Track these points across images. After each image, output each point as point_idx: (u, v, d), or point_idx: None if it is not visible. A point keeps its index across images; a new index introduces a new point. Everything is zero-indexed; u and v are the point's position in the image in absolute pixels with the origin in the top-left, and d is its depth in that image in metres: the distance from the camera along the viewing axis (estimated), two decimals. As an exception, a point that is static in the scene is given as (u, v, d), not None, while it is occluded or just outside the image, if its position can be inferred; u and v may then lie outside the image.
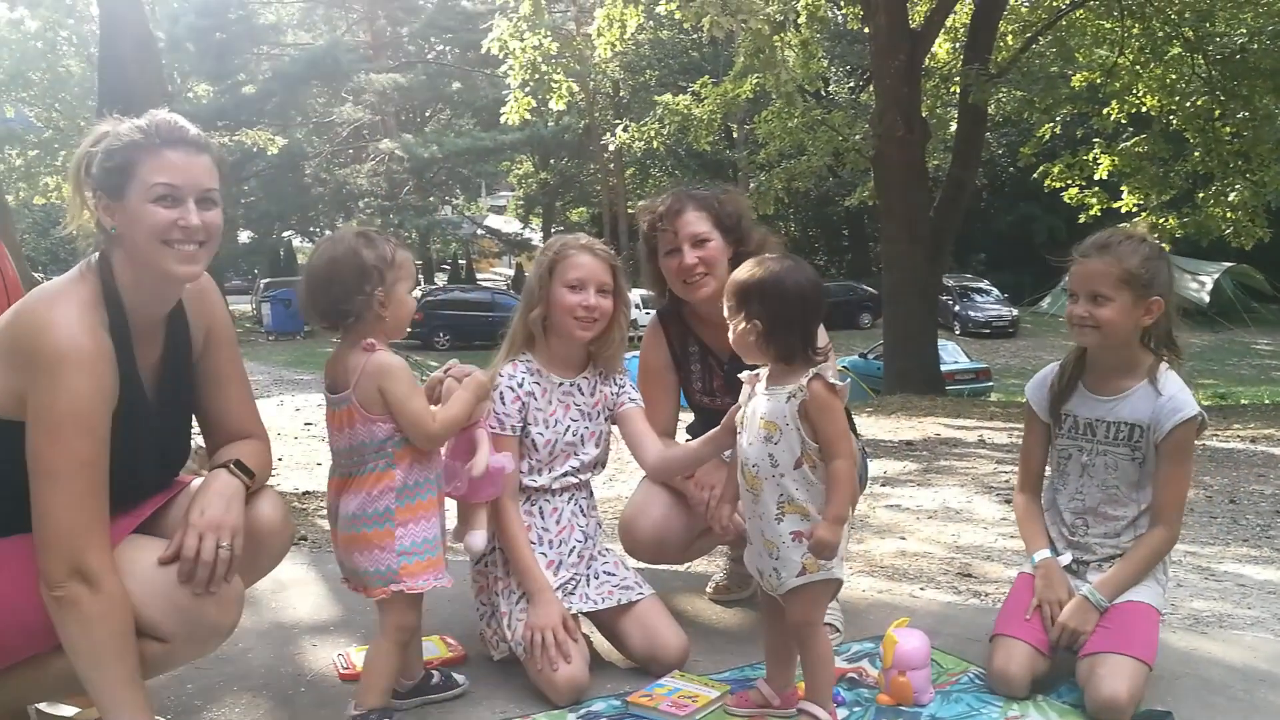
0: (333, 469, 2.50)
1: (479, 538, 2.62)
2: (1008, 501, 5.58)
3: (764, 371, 2.45)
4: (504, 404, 2.82)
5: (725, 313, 2.45)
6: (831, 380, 2.33)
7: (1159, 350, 2.75)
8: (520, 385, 2.86)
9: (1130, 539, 2.75)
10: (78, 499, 1.99)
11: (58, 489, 1.98)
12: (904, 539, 4.99)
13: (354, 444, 2.42)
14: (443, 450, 2.57)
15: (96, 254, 2.15)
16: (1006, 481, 6.37)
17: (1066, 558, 2.80)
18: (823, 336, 2.52)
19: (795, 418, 2.34)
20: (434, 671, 2.66)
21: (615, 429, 3.04)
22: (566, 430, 2.92)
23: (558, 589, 2.79)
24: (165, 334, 2.25)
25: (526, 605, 2.74)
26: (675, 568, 3.64)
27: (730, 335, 2.45)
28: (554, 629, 2.64)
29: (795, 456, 2.34)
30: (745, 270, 2.42)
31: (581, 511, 2.98)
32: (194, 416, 2.43)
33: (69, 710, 2.44)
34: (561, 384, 2.92)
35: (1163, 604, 2.75)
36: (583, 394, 2.95)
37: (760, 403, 2.41)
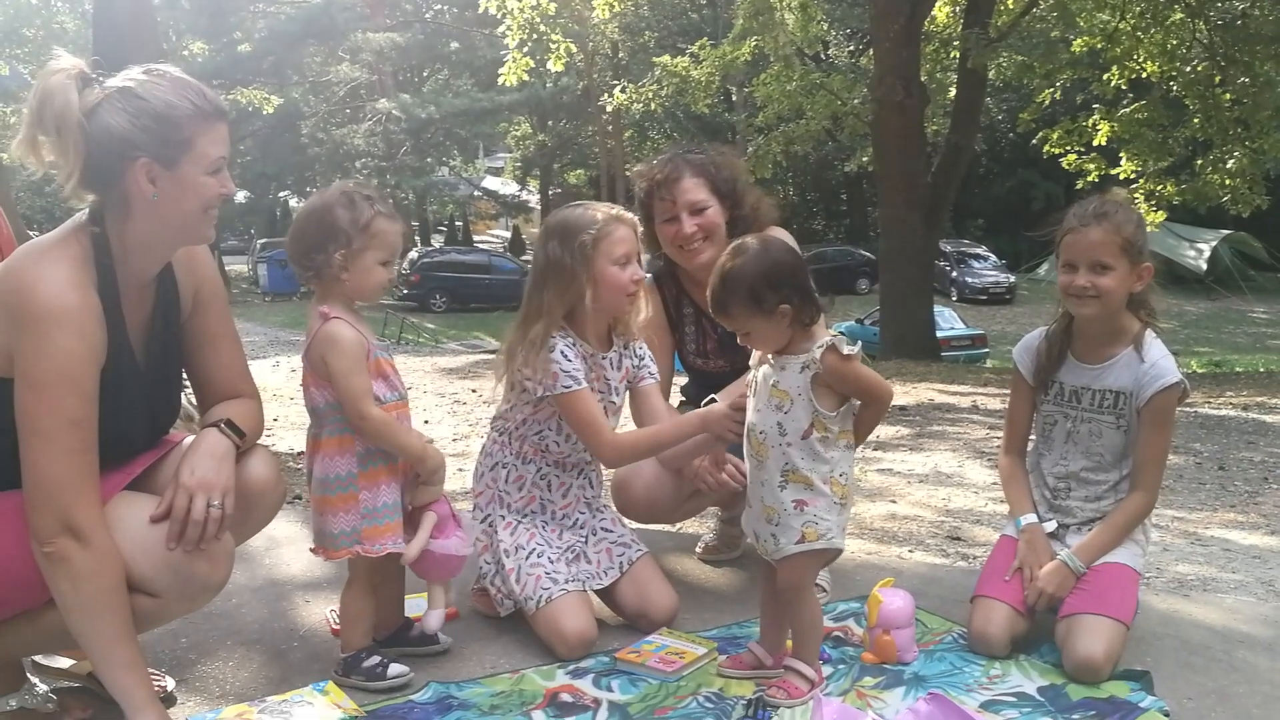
0: (308, 429, 2.55)
1: (434, 618, 2.58)
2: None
3: None
4: (570, 361, 2.71)
5: (729, 320, 2.41)
6: (846, 351, 2.33)
7: (1142, 315, 2.77)
8: (573, 344, 2.76)
9: (1111, 503, 2.78)
10: (66, 456, 2.00)
11: (46, 446, 1.99)
12: (894, 502, 5.03)
13: (311, 406, 2.48)
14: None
15: (86, 211, 2.14)
16: (998, 447, 6.35)
17: (1051, 524, 2.83)
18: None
19: (809, 388, 2.35)
20: (416, 623, 2.69)
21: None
22: (597, 402, 2.87)
23: (562, 558, 2.81)
24: (155, 293, 2.26)
25: (536, 560, 2.77)
26: (666, 528, 3.68)
27: (747, 340, 2.43)
28: None
29: (804, 427, 2.36)
30: (739, 267, 2.35)
31: (590, 484, 2.99)
32: (185, 375, 2.45)
33: (64, 662, 2.48)
34: (594, 355, 2.86)
35: (1142, 566, 2.78)
36: (612, 368, 2.92)
37: (771, 371, 2.42)
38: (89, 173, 2.07)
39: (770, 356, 2.43)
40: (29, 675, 2.37)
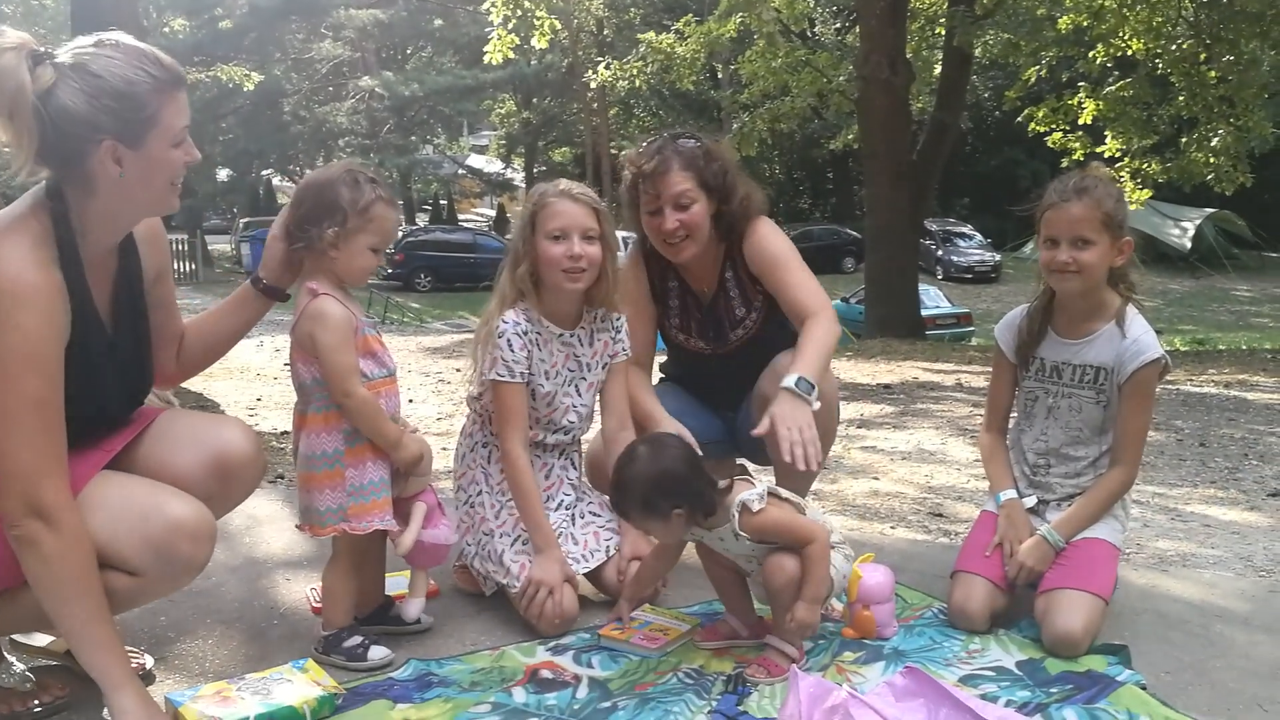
0: (295, 405, 2.54)
1: (415, 606, 2.60)
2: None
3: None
4: (512, 350, 2.74)
5: (629, 520, 2.53)
6: (756, 508, 2.40)
7: (1121, 289, 2.77)
8: (524, 332, 2.78)
9: (1091, 479, 2.79)
10: (31, 437, 1.98)
11: (10, 428, 1.96)
12: (877, 479, 5.04)
13: (298, 381, 2.46)
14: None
15: (43, 186, 2.10)
16: (981, 424, 6.42)
17: (1031, 499, 2.84)
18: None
19: (753, 548, 2.46)
20: (396, 602, 2.68)
21: None
22: (566, 382, 2.89)
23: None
24: (117, 262, 2.24)
25: (522, 546, 2.76)
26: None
27: (659, 537, 2.53)
28: (555, 588, 2.65)
29: None
30: (632, 476, 2.41)
31: (572, 465, 2.98)
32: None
33: (42, 639, 2.46)
34: (561, 334, 2.86)
35: (1121, 541, 2.79)
36: (582, 345, 2.90)
37: (719, 542, 2.51)
38: (46, 152, 2.02)
39: (702, 532, 2.50)
40: (6, 654, 2.36)
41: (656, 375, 3.44)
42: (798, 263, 3.08)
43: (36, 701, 2.24)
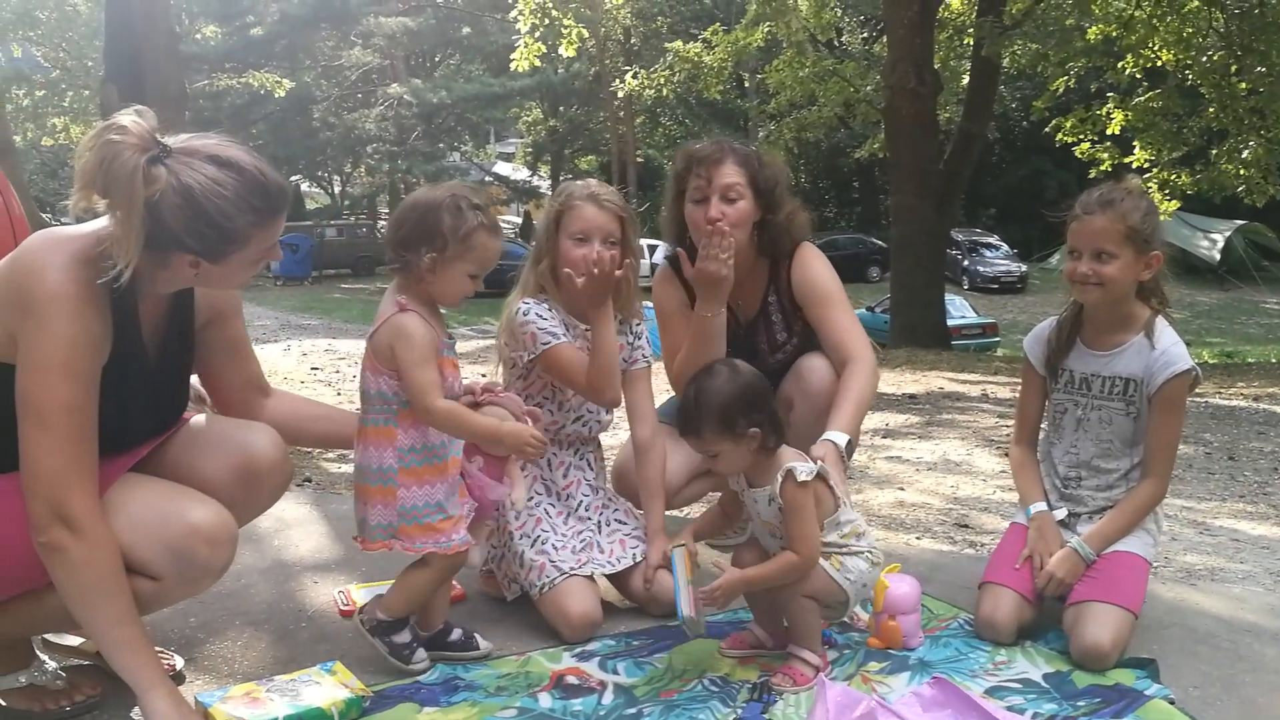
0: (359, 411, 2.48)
1: (475, 555, 2.58)
2: (1007, 455, 5.62)
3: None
4: (545, 319, 2.75)
5: (699, 441, 2.43)
6: (801, 478, 2.37)
7: (1153, 303, 2.76)
8: (548, 311, 2.79)
9: (1122, 491, 2.77)
10: (62, 444, 1.99)
11: (43, 433, 1.98)
12: (903, 490, 5.03)
13: (364, 389, 2.42)
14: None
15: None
16: (1007, 435, 6.39)
17: (1062, 512, 2.82)
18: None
19: (777, 517, 2.43)
20: (456, 628, 2.60)
21: None
22: None
23: (568, 545, 2.80)
24: (171, 298, 2.26)
25: (542, 547, 2.76)
26: (669, 511, 3.68)
27: (719, 466, 2.47)
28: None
29: None
30: (713, 388, 2.39)
31: (589, 465, 2.98)
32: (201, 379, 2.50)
33: (74, 640, 2.49)
34: (578, 327, 2.86)
35: (1152, 555, 2.77)
36: None
37: (754, 503, 2.50)
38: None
39: (745, 485, 2.49)
40: (38, 653, 2.38)
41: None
42: (843, 300, 3.12)
43: (68, 701, 2.26)
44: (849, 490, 2.62)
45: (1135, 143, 15.04)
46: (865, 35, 34.15)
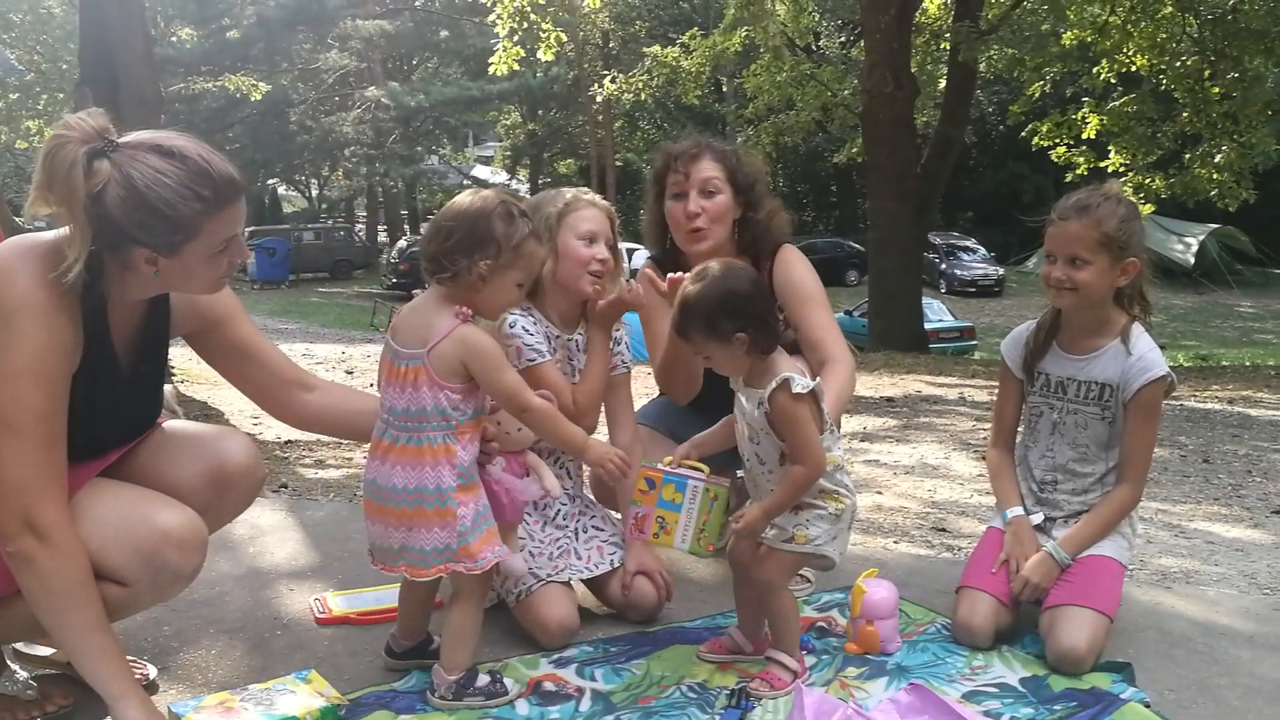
0: (379, 430, 2.31)
1: (518, 562, 2.53)
2: (985, 458, 5.65)
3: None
4: (530, 334, 2.75)
5: (689, 344, 2.43)
6: (796, 389, 2.33)
7: (1131, 308, 2.78)
8: (535, 322, 2.79)
9: (1098, 495, 2.79)
10: (31, 452, 1.97)
11: (11, 440, 1.96)
12: (880, 494, 5.04)
13: (416, 407, 2.26)
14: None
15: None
16: (984, 439, 6.41)
17: (1038, 516, 2.83)
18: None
19: (765, 424, 2.38)
20: (435, 637, 2.56)
21: None
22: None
23: (545, 552, 2.79)
24: (145, 307, 2.23)
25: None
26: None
27: (716, 367, 2.45)
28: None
29: (775, 457, 2.40)
30: (698, 293, 2.37)
31: (568, 474, 2.96)
32: (239, 385, 2.50)
33: (45, 650, 2.46)
34: (559, 336, 2.87)
35: (1127, 558, 2.79)
36: (579, 350, 2.90)
37: (742, 402, 2.45)
38: (94, 238, 1.99)
39: (740, 386, 2.46)
40: (10, 662, 2.36)
41: (655, 392, 3.42)
42: (824, 301, 3.13)
43: (39, 711, 2.24)
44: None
45: (1110, 147, 15.13)
46: (843, 40, 34.28)
